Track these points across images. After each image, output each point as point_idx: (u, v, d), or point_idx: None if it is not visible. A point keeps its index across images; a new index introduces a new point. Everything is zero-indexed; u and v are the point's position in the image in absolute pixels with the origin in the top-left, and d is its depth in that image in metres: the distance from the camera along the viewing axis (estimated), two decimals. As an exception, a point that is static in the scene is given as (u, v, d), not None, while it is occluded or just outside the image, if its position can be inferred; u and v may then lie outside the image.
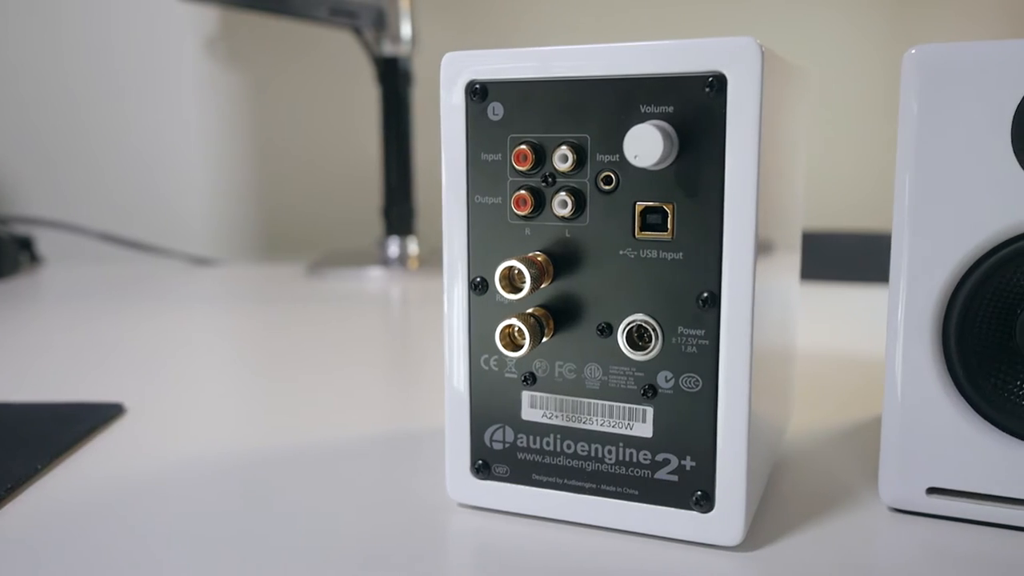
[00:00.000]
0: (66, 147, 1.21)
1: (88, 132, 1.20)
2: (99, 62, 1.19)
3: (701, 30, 1.11)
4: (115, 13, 1.18)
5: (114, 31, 1.18)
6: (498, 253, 0.34)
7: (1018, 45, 0.32)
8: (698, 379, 0.33)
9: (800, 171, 0.42)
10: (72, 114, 1.20)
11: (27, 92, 1.20)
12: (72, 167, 1.21)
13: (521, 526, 0.35)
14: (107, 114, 1.20)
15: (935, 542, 0.34)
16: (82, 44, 1.19)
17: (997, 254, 0.33)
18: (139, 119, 1.20)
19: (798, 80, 0.38)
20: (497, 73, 0.34)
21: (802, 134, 0.41)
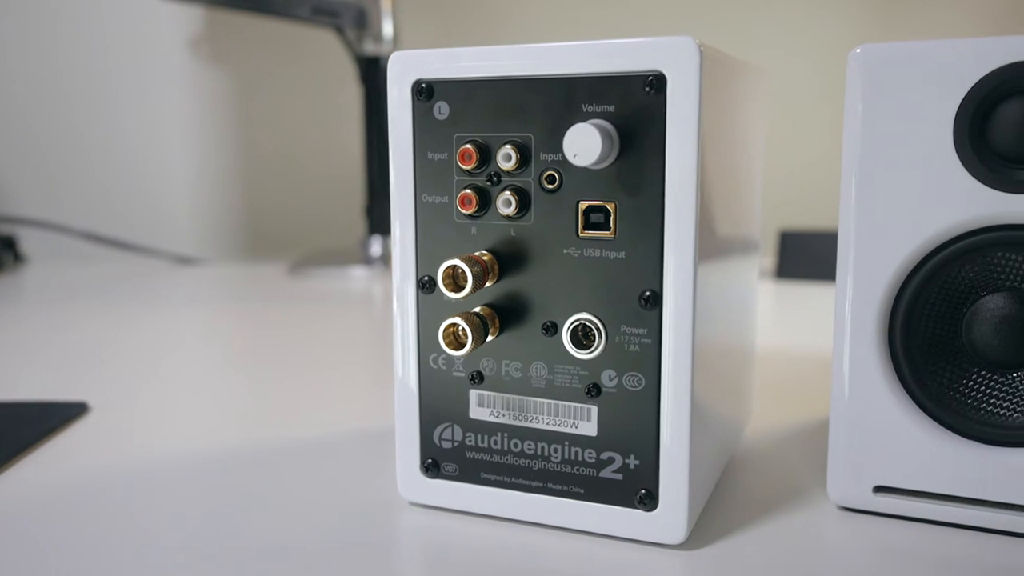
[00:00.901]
0: (50, 146, 1.21)
1: (72, 131, 1.20)
2: (83, 61, 1.19)
3: (690, 28, 1.11)
4: (99, 13, 1.18)
5: (98, 30, 1.18)
6: (445, 252, 0.35)
7: (960, 45, 0.32)
8: (641, 378, 0.33)
9: (757, 170, 0.42)
10: (56, 113, 1.20)
11: (11, 91, 1.20)
12: (56, 166, 1.21)
13: (469, 524, 0.35)
14: (91, 113, 1.20)
15: (881, 540, 0.34)
16: (66, 43, 1.19)
17: (940, 253, 0.33)
18: (123, 118, 1.20)
19: (748, 78, 0.38)
20: (443, 72, 0.34)
21: (757, 133, 0.41)
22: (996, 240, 0.33)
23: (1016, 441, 0.33)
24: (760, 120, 0.42)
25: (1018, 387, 0.34)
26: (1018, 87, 0.31)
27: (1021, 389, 0.34)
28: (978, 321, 0.34)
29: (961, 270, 0.34)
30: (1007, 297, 0.34)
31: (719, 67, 0.33)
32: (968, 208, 0.33)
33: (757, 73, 0.40)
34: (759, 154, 0.42)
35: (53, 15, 1.19)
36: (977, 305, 0.34)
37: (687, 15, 1.11)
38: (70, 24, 1.18)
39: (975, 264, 0.34)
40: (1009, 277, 0.33)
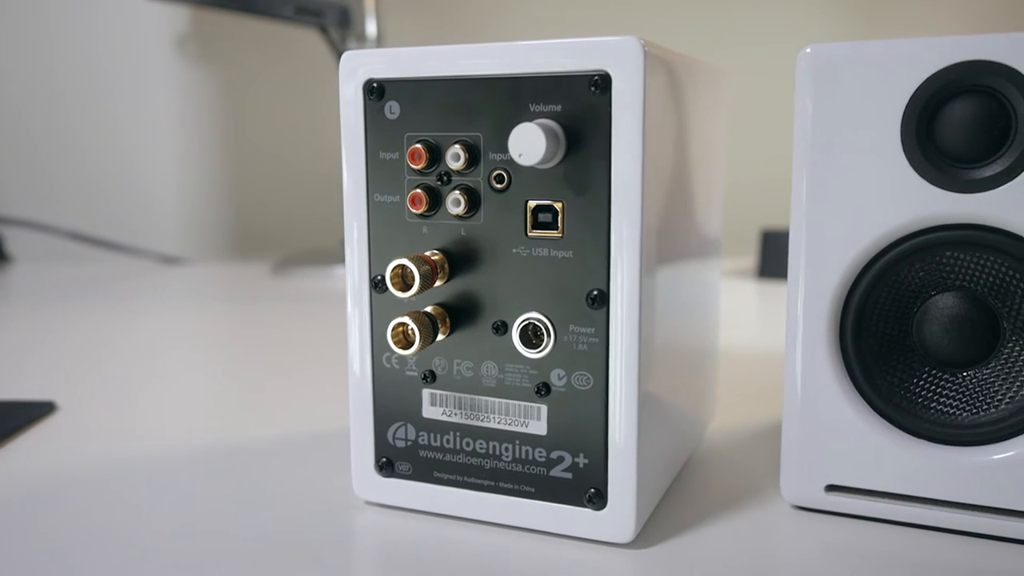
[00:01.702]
0: (36, 145, 1.21)
1: (58, 130, 1.20)
2: (69, 60, 1.19)
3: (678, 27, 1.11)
4: (86, 12, 1.18)
5: (85, 30, 1.18)
6: (397, 251, 0.35)
7: (907, 44, 0.32)
8: (589, 377, 0.33)
9: (717, 170, 0.42)
10: (42, 112, 1.20)
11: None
12: (42, 165, 1.21)
13: (422, 523, 0.35)
14: (77, 112, 1.20)
15: (832, 539, 0.34)
16: (52, 43, 1.19)
17: (889, 253, 0.34)
18: (109, 118, 1.20)
19: (703, 78, 0.38)
20: (393, 72, 0.34)
21: (717, 133, 0.41)
22: (944, 240, 0.33)
23: (965, 440, 0.33)
24: (720, 121, 0.42)
25: (967, 386, 0.34)
26: (964, 87, 0.32)
27: (970, 388, 0.34)
28: (928, 320, 0.34)
29: (910, 270, 0.34)
30: (956, 296, 0.34)
31: (667, 67, 0.33)
32: (916, 208, 0.33)
33: (714, 73, 0.40)
34: (719, 155, 0.42)
35: (39, 15, 1.19)
36: (927, 304, 0.34)
37: (676, 14, 1.11)
38: (56, 23, 1.18)
39: (924, 264, 0.34)
40: (958, 276, 0.33)
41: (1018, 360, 0.33)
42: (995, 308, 0.33)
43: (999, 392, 0.33)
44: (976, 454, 0.33)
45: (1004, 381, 0.33)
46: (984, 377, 0.34)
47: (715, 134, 0.41)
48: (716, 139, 0.41)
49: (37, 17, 1.19)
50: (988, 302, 0.33)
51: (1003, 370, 0.33)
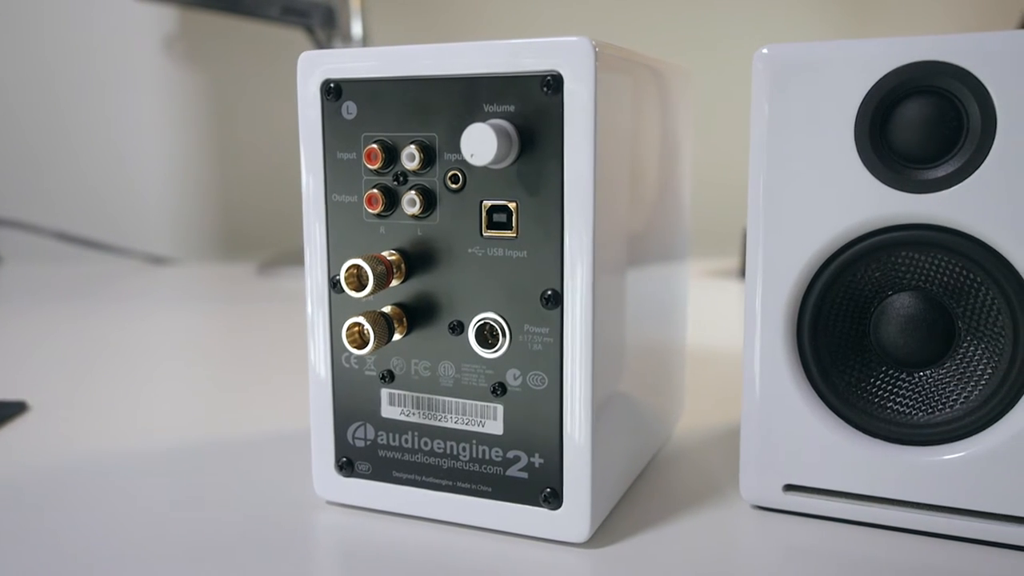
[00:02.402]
0: (22, 145, 1.21)
1: (45, 130, 1.20)
2: (56, 61, 1.19)
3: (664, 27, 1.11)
4: (73, 12, 1.18)
5: (72, 29, 1.18)
6: (355, 251, 0.35)
7: (860, 45, 0.32)
8: (544, 377, 0.33)
9: (681, 171, 0.42)
10: (28, 112, 1.20)
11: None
12: (28, 165, 1.21)
13: (382, 523, 0.35)
14: (64, 112, 1.20)
15: (789, 539, 0.34)
16: (38, 43, 1.19)
17: (845, 253, 0.34)
18: (97, 117, 1.20)
19: (663, 79, 0.38)
20: (350, 72, 0.34)
21: (680, 133, 0.41)
22: (898, 240, 0.33)
23: (920, 440, 0.34)
24: (683, 121, 0.42)
25: (923, 386, 0.34)
26: (916, 87, 0.32)
27: (926, 388, 0.34)
28: (885, 321, 0.34)
29: (866, 270, 0.34)
30: (912, 296, 0.34)
31: (621, 67, 0.33)
32: (870, 208, 0.33)
33: (677, 74, 0.40)
34: (684, 155, 0.42)
35: (25, 14, 1.19)
36: (884, 304, 0.34)
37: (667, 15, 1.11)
38: (43, 23, 1.18)
39: (879, 264, 0.34)
40: (913, 277, 0.34)
41: (972, 360, 0.33)
42: (950, 308, 0.33)
43: (954, 392, 0.33)
44: (930, 454, 0.33)
45: (959, 381, 0.33)
46: (940, 377, 0.34)
47: (678, 135, 0.41)
48: (679, 140, 0.41)
49: (24, 17, 1.19)
50: (943, 302, 0.33)
51: (958, 370, 0.33)
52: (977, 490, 0.32)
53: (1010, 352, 0.32)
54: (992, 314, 0.33)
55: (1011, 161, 0.31)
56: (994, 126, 0.31)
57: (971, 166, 0.31)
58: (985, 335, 0.33)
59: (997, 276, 0.32)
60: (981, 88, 0.31)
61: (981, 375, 0.33)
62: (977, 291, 0.33)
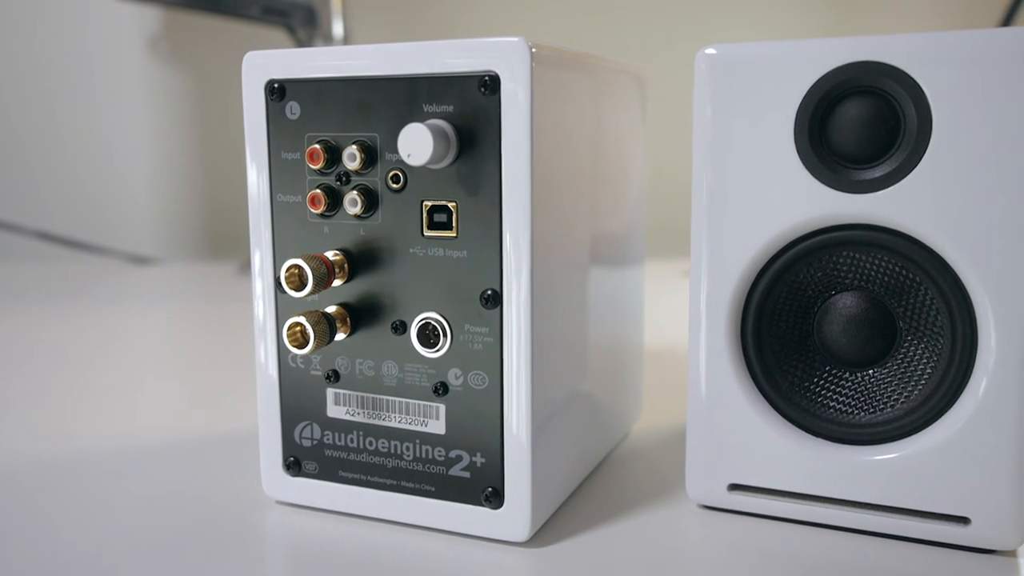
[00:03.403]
0: (3, 144, 1.21)
1: (27, 129, 1.20)
2: (38, 60, 1.19)
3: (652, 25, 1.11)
4: (55, 11, 1.18)
5: (54, 29, 1.18)
6: (300, 251, 0.35)
7: (800, 45, 0.32)
8: (485, 376, 0.33)
9: (632, 170, 0.42)
10: (10, 111, 1.20)
11: (-31, 90, 1.21)
12: (9, 164, 1.21)
13: (329, 522, 0.36)
14: (47, 111, 1.20)
15: (731, 538, 0.34)
16: (21, 42, 1.19)
17: (786, 254, 0.34)
18: (79, 117, 1.20)
19: (612, 80, 0.38)
20: (293, 72, 0.34)
21: (631, 134, 0.41)
22: (838, 240, 0.33)
23: (861, 440, 0.34)
24: (635, 122, 0.42)
25: (865, 386, 0.34)
26: (854, 87, 0.32)
27: (868, 388, 0.34)
28: (828, 320, 0.34)
29: (808, 270, 0.34)
30: (854, 296, 0.34)
31: (561, 68, 0.33)
32: (810, 209, 0.33)
33: (628, 76, 0.40)
34: (636, 156, 0.42)
35: (7, 14, 1.19)
36: (827, 304, 0.34)
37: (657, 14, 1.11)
38: (25, 23, 1.18)
39: (821, 264, 0.34)
40: (855, 277, 0.34)
41: (913, 360, 0.33)
42: (891, 308, 0.33)
43: (895, 392, 0.33)
44: (871, 453, 0.33)
45: (900, 381, 0.33)
46: (882, 377, 0.34)
47: (628, 135, 0.41)
48: (630, 140, 0.41)
49: (6, 17, 1.19)
50: (884, 302, 0.33)
51: (899, 370, 0.33)
52: (916, 489, 0.33)
53: (948, 352, 0.32)
54: (931, 314, 0.33)
55: (946, 162, 0.31)
56: (929, 127, 0.31)
57: (907, 166, 0.31)
58: (925, 335, 0.33)
59: (935, 276, 0.32)
60: (917, 88, 0.31)
61: (921, 375, 0.33)
62: (917, 291, 0.33)
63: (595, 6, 1.12)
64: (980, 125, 0.30)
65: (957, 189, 0.31)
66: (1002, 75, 0.30)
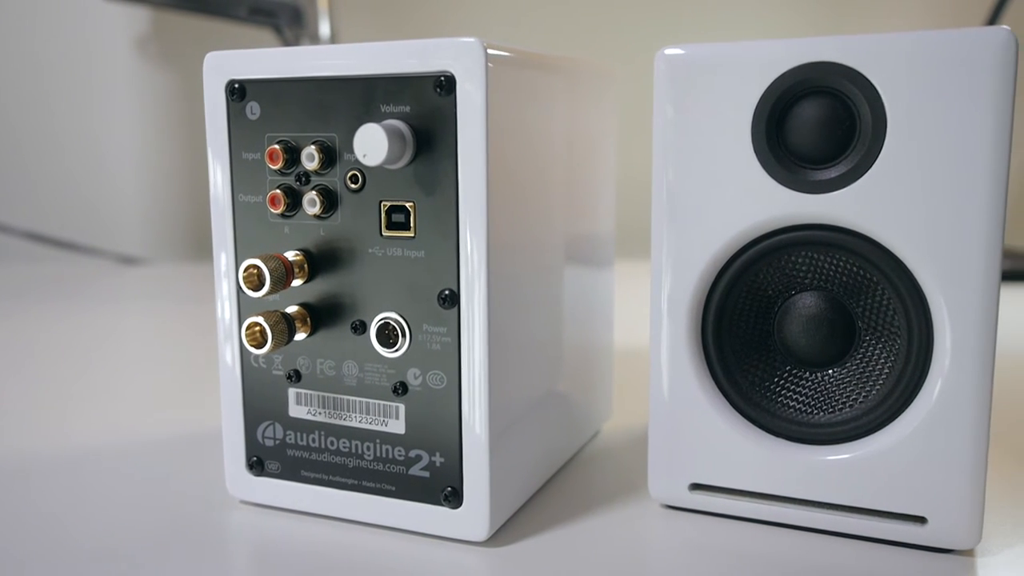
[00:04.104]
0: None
1: (16, 130, 1.20)
2: (26, 60, 1.19)
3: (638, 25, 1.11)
4: (43, 12, 1.18)
5: (43, 29, 1.18)
6: (261, 251, 0.35)
7: (756, 46, 0.32)
8: (443, 376, 0.33)
9: (600, 169, 0.42)
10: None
11: (-41, 91, 1.21)
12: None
13: (292, 522, 0.36)
14: (36, 112, 1.20)
15: (691, 538, 0.34)
16: (8, 42, 1.19)
17: (745, 253, 0.34)
18: (69, 117, 1.20)
19: (575, 79, 0.38)
20: (253, 73, 0.34)
21: (599, 133, 0.41)
22: (796, 240, 0.33)
23: (820, 439, 0.34)
24: (603, 121, 0.42)
25: (825, 385, 0.34)
26: (810, 88, 0.32)
27: (827, 387, 0.34)
28: (788, 320, 0.34)
29: (768, 270, 0.34)
30: (814, 296, 0.34)
31: (518, 67, 0.33)
32: (768, 209, 0.33)
33: (594, 74, 0.40)
34: (605, 155, 0.42)
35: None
36: (787, 304, 0.34)
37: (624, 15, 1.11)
38: (14, 23, 1.18)
39: (780, 264, 0.34)
40: (815, 277, 0.34)
41: (872, 360, 0.33)
42: (850, 308, 0.33)
43: (854, 392, 0.33)
44: (829, 453, 0.33)
45: (858, 381, 0.33)
46: (841, 377, 0.34)
47: (595, 134, 0.41)
48: (597, 139, 0.41)
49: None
50: (843, 302, 0.33)
51: (858, 369, 0.34)
52: (873, 489, 0.33)
53: (905, 352, 0.32)
54: (889, 314, 0.33)
55: (900, 162, 0.31)
56: (884, 127, 0.31)
57: (863, 166, 0.31)
58: (883, 335, 0.33)
59: (891, 276, 0.32)
60: (871, 89, 0.31)
61: (879, 375, 0.33)
62: (874, 291, 0.33)
63: (588, 7, 1.12)
64: (934, 126, 0.30)
65: (912, 189, 0.31)
66: (956, 75, 0.30)
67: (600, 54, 0.90)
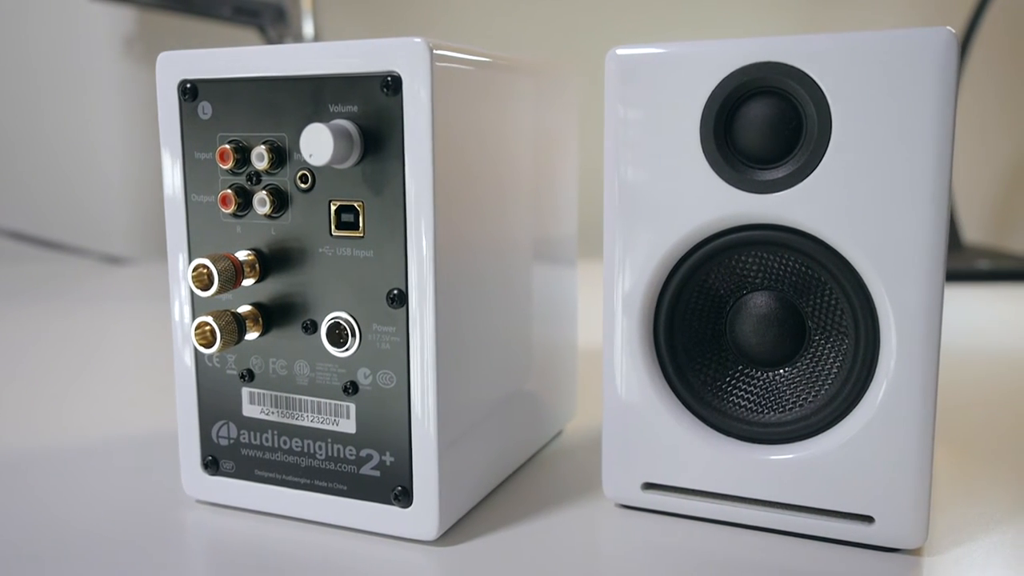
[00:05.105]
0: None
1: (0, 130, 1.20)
2: (11, 60, 1.19)
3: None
4: (29, 12, 1.18)
5: (28, 29, 1.18)
6: (214, 251, 0.35)
7: (704, 46, 0.32)
8: (393, 376, 0.33)
9: (560, 169, 0.42)
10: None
11: (-55, 90, 1.21)
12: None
13: (246, 521, 0.36)
14: (21, 112, 1.20)
15: (643, 537, 0.34)
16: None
17: (696, 253, 0.34)
18: (54, 117, 1.20)
19: (530, 79, 0.38)
20: (205, 72, 0.34)
21: (557, 132, 0.41)
22: (745, 240, 0.33)
23: (769, 439, 0.34)
24: (561, 120, 0.42)
25: (776, 385, 0.34)
26: (757, 88, 0.32)
27: (778, 387, 0.34)
28: (740, 320, 0.34)
29: (718, 270, 0.34)
30: (765, 296, 0.34)
31: (466, 67, 0.33)
32: (717, 208, 0.33)
33: (550, 74, 0.40)
34: (565, 155, 0.42)
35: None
36: (739, 304, 0.34)
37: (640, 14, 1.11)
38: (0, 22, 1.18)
39: (730, 264, 0.34)
40: (765, 276, 0.34)
41: (822, 359, 0.33)
42: (800, 307, 0.33)
43: (803, 391, 0.34)
44: (778, 452, 0.33)
45: (808, 380, 0.34)
46: (793, 376, 0.34)
47: (555, 134, 0.41)
48: (555, 139, 0.41)
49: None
50: (794, 301, 0.34)
51: (809, 369, 0.34)
52: (821, 488, 0.33)
53: (852, 351, 0.32)
54: (837, 314, 0.33)
55: (845, 162, 0.31)
56: (829, 127, 0.31)
57: (809, 166, 0.31)
58: (832, 334, 0.33)
59: (838, 275, 0.32)
60: (817, 89, 0.31)
61: (828, 374, 0.33)
62: (823, 290, 0.33)
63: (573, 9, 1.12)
64: (878, 126, 0.30)
65: (857, 189, 0.31)
66: (899, 76, 0.30)
67: (591, 54, 0.90)
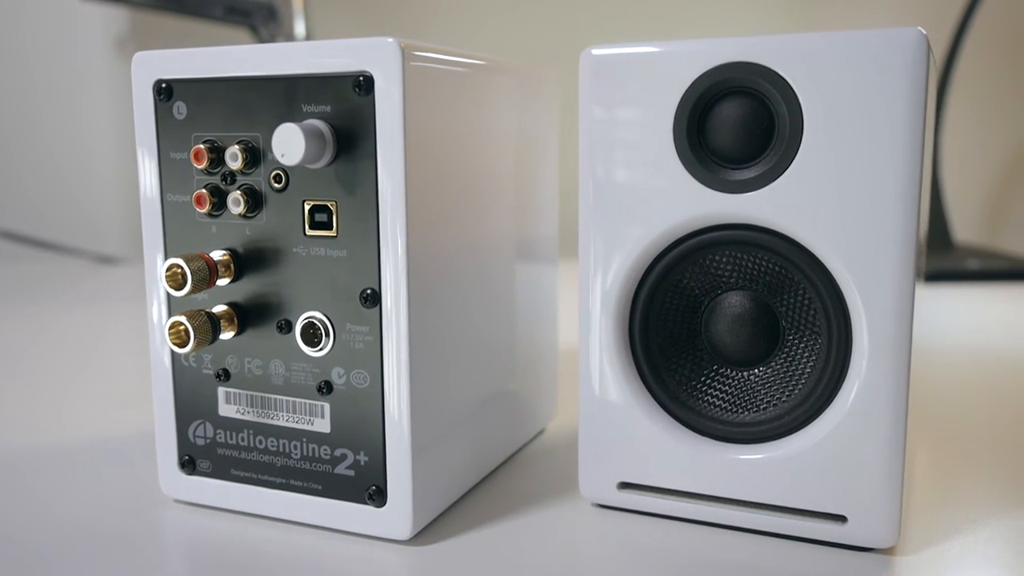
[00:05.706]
0: (-23, 145, 1.21)
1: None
2: (3, 60, 1.19)
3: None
4: (21, 11, 1.18)
5: (20, 29, 1.18)
6: (189, 250, 0.35)
7: (678, 46, 0.32)
8: (367, 375, 0.33)
9: (539, 170, 0.42)
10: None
11: (-62, 90, 1.21)
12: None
13: (222, 520, 0.36)
14: (13, 111, 1.20)
15: (619, 536, 0.34)
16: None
17: (670, 253, 0.34)
18: (47, 117, 1.20)
19: (507, 80, 0.38)
20: (180, 72, 0.34)
21: (536, 133, 0.41)
22: (718, 240, 0.33)
23: (743, 438, 0.34)
24: (541, 121, 0.42)
25: (749, 385, 0.34)
26: (730, 88, 0.32)
27: (751, 387, 0.34)
28: (714, 320, 0.34)
29: (692, 270, 0.34)
30: (739, 296, 0.34)
31: (438, 68, 0.33)
32: (690, 208, 0.33)
33: (529, 75, 0.40)
34: (544, 156, 0.42)
35: (-22, 14, 1.19)
36: (713, 303, 0.34)
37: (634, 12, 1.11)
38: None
39: (704, 264, 0.34)
40: (739, 276, 0.34)
41: (796, 359, 0.33)
42: (774, 307, 0.33)
43: (777, 391, 0.34)
44: (752, 452, 0.33)
45: (782, 380, 0.34)
46: (767, 376, 0.34)
47: (535, 134, 0.41)
48: (537, 139, 0.41)
49: (-24, 17, 1.19)
50: (768, 301, 0.34)
51: (783, 368, 0.34)
52: (794, 488, 0.33)
53: (825, 351, 0.32)
54: (810, 313, 0.33)
55: (817, 161, 0.31)
56: (801, 127, 0.31)
57: (781, 166, 0.31)
58: (805, 334, 0.33)
59: (810, 275, 0.32)
60: (788, 89, 0.31)
61: (801, 374, 0.33)
62: (796, 290, 0.33)
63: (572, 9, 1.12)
64: (850, 125, 0.30)
65: (828, 188, 0.31)
66: (870, 76, 0.30)
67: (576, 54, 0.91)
